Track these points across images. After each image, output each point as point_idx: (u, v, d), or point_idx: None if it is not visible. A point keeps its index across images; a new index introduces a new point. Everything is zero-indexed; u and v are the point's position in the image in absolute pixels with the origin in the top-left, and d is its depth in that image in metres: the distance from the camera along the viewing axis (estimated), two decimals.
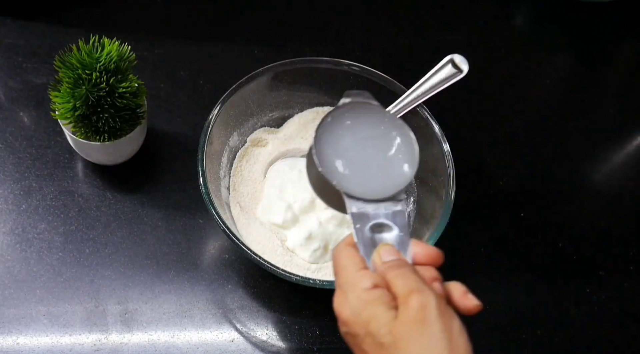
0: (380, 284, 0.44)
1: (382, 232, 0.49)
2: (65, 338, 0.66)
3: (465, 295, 0.47)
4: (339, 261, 0.47)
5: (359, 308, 0.43)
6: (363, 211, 0.49)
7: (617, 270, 0.76)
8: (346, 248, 0.48)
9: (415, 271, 0.45)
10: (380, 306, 0.43)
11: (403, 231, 0.49)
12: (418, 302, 0.42)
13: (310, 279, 0.62)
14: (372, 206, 0.49)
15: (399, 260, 0.46)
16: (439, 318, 0.42)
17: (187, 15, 0.89)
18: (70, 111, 0.66)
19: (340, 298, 0.45)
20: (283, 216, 0.70)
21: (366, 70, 0.74)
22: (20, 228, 0.72)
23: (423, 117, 0.72)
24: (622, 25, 0.97)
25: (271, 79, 0.74)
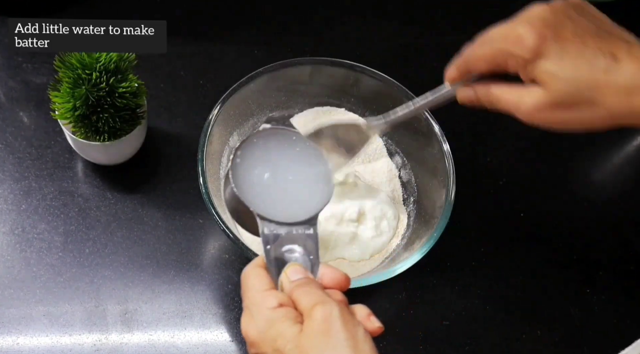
0: (286, 303, 0.45)
1: (292, 253, 0.49)
2: (65, 338, 0.66)
3: (369, 318, 0.48)
4: (247, 283, 0.48)
5: (265, 327, 0.44)
6: (275, 233, 0.50)
7: (617, 270, 0.76)
8: (254, 269, 0.48)
9: (321, 286, 0.47)
10: (285, 322, 0.44)
11: (313, 254, 0.50)
12: (321, 313, 0.43)
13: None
14: (284, 229, 0.50)
15: (306, 278, 0.47)
16: (343, 327, 0.43)
17: (187, 15, 0.89)
18: (70, 111, 0.66)
19: (247, 319, 0.46)
20: None
21: (366, 70, 0.74)
22: (20, 228, 0.72)
23: (423, 117, 0.72)
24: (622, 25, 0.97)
25: (271, 79, 0.74)
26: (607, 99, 0.48)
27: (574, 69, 0.48)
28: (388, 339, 0.69)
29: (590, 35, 0.49)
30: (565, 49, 0.48)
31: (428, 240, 0.65)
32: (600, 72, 0.48)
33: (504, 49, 0.50)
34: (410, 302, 0.72)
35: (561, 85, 0.48)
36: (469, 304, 0.72)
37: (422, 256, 0.64)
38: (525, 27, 0.49)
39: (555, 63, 0.48)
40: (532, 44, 0.48)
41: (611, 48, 0.48)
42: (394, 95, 0.73)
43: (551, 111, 0.50)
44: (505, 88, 0.52)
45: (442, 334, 0.70)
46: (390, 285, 0.71)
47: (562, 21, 0.49)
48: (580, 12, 0.51)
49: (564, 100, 0.49)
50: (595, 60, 0.48)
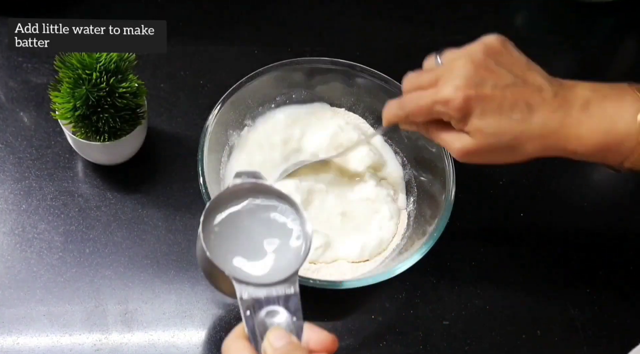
0: None
1: (274, 317, 0.47)
2: (65, 338, 0.66)
3: None
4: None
5: None
6: (254, 297, 0.47)
7: (617, 270, 0.76)
8: (235, 342, 0.47)
9: (306, 352, 0.46)
10: None
11: (296, 315, 0.48)
12: None
13: (310, 279, 0.62)
14: (263, 291, 0.48)
15: (290, 344, 0.45)
16: None
17: (187, 15, 0.89)
18: (70, 111, 0.66)
19: None
20: None
21: (366, 70, 0.74)
22: (20, 228, 0.72)
23: None
24: (622, 25, 0.97)
25: (271, 79, 0.74)
26: (525, 145, 0.57)
27: (496, 124, 0.56)
28: (388, 339, 0.69)
29: (507, 88, 0.56)
30: (487, 107, 0.56)
31: (428, 240, 0.65)
32: (518, 123, 0.56)
33: (437, 110, 0.57)
34: (410, 302, 0.72)
35: (485, 138, 0.56)
36: (469, 304, 0.72)
37: (422, 256, 0.64)
38: (451, 89, 0.56)
39: (479, 120, 0.56)
40: (460, 106, 0.56)
41: (526, 97, 0.56)
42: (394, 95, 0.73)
43: (476, 155, 0.58)
44: (442, 131, 0.60)
45: (442, 334, 0.70)
46: (390, 285, 0.71)
47: (483, 77, 0.56)
48: (498, 59, 0.57)
49: (488, 148, 0.57)
50: (512, 113, 0.56)
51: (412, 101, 0.60)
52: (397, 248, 0.71)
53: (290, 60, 0.74)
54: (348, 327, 0.69)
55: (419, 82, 0.60)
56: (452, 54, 0.59)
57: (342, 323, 0.70)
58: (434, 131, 0.60)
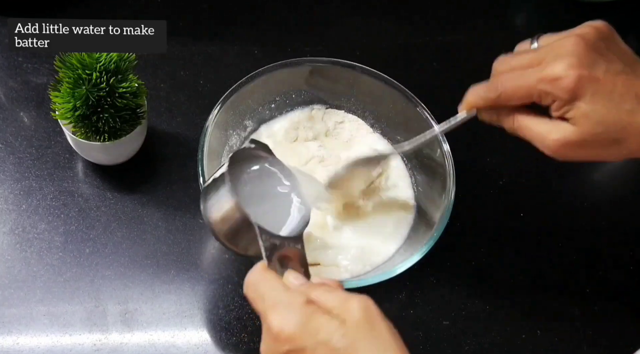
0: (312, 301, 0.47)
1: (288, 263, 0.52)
2: (65, 338, 0.66)
3: None
4: (262, 286, 0.49)
5: (303, 321, 0.45)
6: (272, 243, 0.52)
7: (617, 270, 0.76)
8: (264, 274, 0.49)
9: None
10: (323, 315, 0.45)
11: (304, 268, 0.53)
12: (359, 305, 0.45)
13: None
14: (278, 240, 0.53)
15: (311, 282, 0.49)
16: (381, 317, 0.46)
17: (187, 15, 0.89)
18: (71, 111, 0.66)
19: (279, 317, 0.47)
20: None
21: (366, 70, 0.74)
22: (20, 228, 0.72)
23: (423, 117, 0.72)
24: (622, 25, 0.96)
25: (271, 79, 0.74)
26: (630, 139, 0.51)
27: (605, 112, 0.50)
28: None
29: (618, 74, 0.51)
30: (598, 91, 0.50)
31: (428, 240, 0.65)
32: (626, 114, 0.51)
33: (541, 88, 0.51)
34: (410, 302, 0.72)
35: (592, 126, 0.51)
36: (469, 304, 0.72)
37: (422, 256, 0.64)
38: (562, 66, 0.50)
39: (588, 105, 0.50)
40: (571, 86, 0.50)
41: (637, 88, 0.51)
42: (394, 95, 0.73)
43: (576, 148, 0.52)
44: (533, 120, 0.53)
45: (442, 334, 0.70)
46: (390, 285, 0.70)
47: (595, 59, 0.51)
48: (608, 45, 0.53)
49: (591, 140, 0.52)
50: (622, 102, 0.50)
51: (509, 80, 0.53)
52: (398, 248, 0.71)
53: (290, 60, 0.74)
54: None
55: (517, 62, 0.54)
56: (553, 36, 0.54)
57: None
58: (523, 120, 0.54)
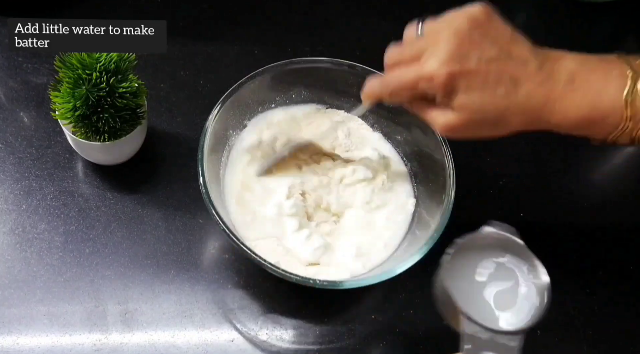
0: None
1: None
2: (65, 338, 0.66)
3: None
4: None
5: None
6: (477, 336, 0.51)
7: (617, 270, 0.76)
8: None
9: None
10: None
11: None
12: None
13: (310, 279, 0.62)
14: (487, 334, 0.52)
15: None
16: None
17: (187, 15, 0.89)
18: (70, 111, 0.66)
19: None
20: None
21: (366, 70, 0.74)
22: (20, 228, 0.72)
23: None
24: (622, 25, 0.97)
25: (271, 79, 0.74)
26: (509, 119, 0.56)
27: (480, 100, 0.55)
28: (388, 339, 0.69)
29: (492, 61, 0.55)
30: (472, 82, 0.55)
31: (428, 240, 0.65)
32: (502, 98, 0.55)
33: (422, 86, 0.56)
34: (410, 302, 0.72)
35: (470, 114, 0.56)
36: None
37: (422, 256, 0.64)
38: (435, 64, 0.55)
39: (464, 96, 0.55)
40: (444, 83, 0.55)
41: (511, 71, 0.55)
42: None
43: (460, 130, 0.57)
44: (423, 109, 0.59)
45: (442, 334, 0.70)
46: (390, 285, 0.70)
47: (467, 51, 0.55)
48: (484, 30, 0.56)
49: (472, 124, 0.56)
50: (497, 88, 0.55)
51: (395, 78, 0.59)
52: (397, 249, 0.71)
53: (290, 60, 0.74)
54: (348, 327, 0.69)
55: (401, 57, 0.59)
56: (434, 24, 0.58)
57: (342, 323, 0.70)
58: (418, 106, 0.60)
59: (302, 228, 0.69)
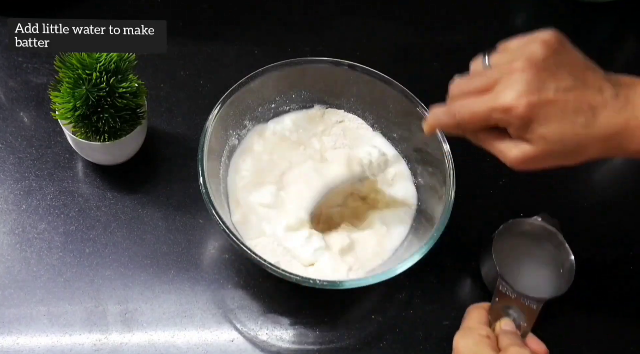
0: (492, 337, 0.62)
1: (512, 313, 0.65)
2: (65, 338, 0.66)
3: None
4: (472, 313, 0.65)
5: (472, 345, 0.61)
6: (507, 294, 0.66)
7: (618, 270, 0.76)
8: (479, 308, 0.66)
9: (521, 339, 0.63)
10: (487, 347, 0.60)
11: (527, 323, 0.65)
12: (515, 351, 0.59)
13: (310, 279, 0.62)
14: (515, 294, 0.66)
15: (515, 334, 0.63)
16: None
17: (187, 15, 0.89)
18: (70, 111, 0.66)
19: (461, 334, 0.63)
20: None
21: (366, 70, 0.74)
22: (20, 228, 0.72)
23: (423, 116, 0.72)
24: (622, 25, 0.97)
25: (271, 79, 0.74)
26: (588, 150, 0.54)
27: (560, 130, 0.53)
28: (388, 339, 0.69)
29: (569, 90, 0.53)
30: (551, 112, 0.53)
31: (428, 240, 0.65)
32: (582, 128, 0.53)
33: (496, 117, 0.54)
34: (410, 302, 0.72)
35: (548, 145, 0.54)
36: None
37: (422, 256, 0.64)
38: (512, 95, 0.53)
39: (542, 127, 0.53)
40: (523, 114, 0.52)
41: (589, 100, 0.53)
42: (394, 95, 0.73)
43: (536, 162, 0.55)
44: (494, 138, 0.56)
45: (442, 334, 0.70)
46: (390, 285, 0.70)
47: (544, 80, 0.53)
48: (558, 59, 0.54)
49: (550, 155, 0.55)
50: (577, 118, 0.53)
51: (465, 107, 0.56)
52: (398, 248, 0.71)
53: (291, 60, 0.74)
54: (348, 327, 0.70)
55: (471, 87, 0.56)
56: (505, 54, 0.56)
57: (342, 323, 0.70)
58: (486, 139, 0.57)
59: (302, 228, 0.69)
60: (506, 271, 0.68)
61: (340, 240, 0.70)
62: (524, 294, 0.66)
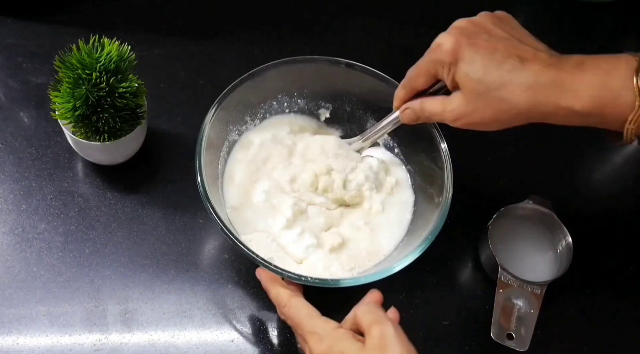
0: (341, 326, 0.56)
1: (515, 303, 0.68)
2: (65, 338, 0.66)
3: None
4: (299, 313, 0.58)
5: (333, 343, 0.54)
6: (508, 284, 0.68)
7: (617, 269, 0.76)
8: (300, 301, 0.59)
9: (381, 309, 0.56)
10: (349, 339, 0.54)
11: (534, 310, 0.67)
12: (378, 331, 0.53)
13: (308, 277, 0.62)
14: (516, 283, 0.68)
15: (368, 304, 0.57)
16: (397, 341, 0.52)
17: (187, 15, 0.89)
18: (70, 111, 0.66)
19: (315, 339, 0.56)
20: None
21: (366, 70, 0.74)
22: (20, 228, 0.72)
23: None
24: (622, 25, 0.97)
25: (271, 77, 0.74)
26: (513, 96, 0.56)
27: (484, 70, 0.56)
28: None
29: (501, 41, 0.57)
30: (477, 53, 0.56)
31: (425, 239, 0.65)
32: (507, 72, 0.55)
33: (431, 58, 0.59)
34: (410, 302, 0.72)
35: (473, 85, 0.56)
36: (469, 304, 0.72)
37: (419, 255, 0.64)
38: (444, 36, 0.59)
39: (468, 65, 0.56)
40: (449, 48, 0.57)
41: (519, 52, 0.56)
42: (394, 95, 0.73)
43: (468, 112, 0.58)
44: (432, 100, 0.62)
45: (442, 334, 0.70)
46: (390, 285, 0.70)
47: (477, 31, 0.58)
48: (497, 23, 0.59)
49: (477, 101, 0.57)
50: (503, 61, 0.55)
51: (412, 67, 0.63)
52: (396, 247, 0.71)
53: (293, 58, 0.73)
54: None
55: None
56: None
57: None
58: (426, 105, 0.62)
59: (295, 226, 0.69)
60: (505, 259, 0.69)
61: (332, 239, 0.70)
62: (526, 280, 0.67)
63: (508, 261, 0.70)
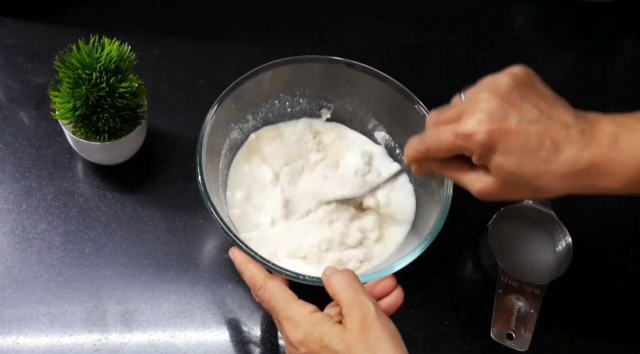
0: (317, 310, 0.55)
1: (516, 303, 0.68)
2: (65, 338, 0.66)
3: None
4: (276, 297, 0.57)
5: (310, 328, 0.53)
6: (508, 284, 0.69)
7: (618, 270, 0.76)
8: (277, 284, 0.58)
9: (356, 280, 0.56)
10: (327, 323, 0.53)
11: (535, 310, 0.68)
12: (359, 312, 0.52)
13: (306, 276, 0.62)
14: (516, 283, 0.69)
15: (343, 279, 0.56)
16: (379, 323, 0.52)
17: (187, 15, 0.89)
18: (70, 111, 0.66)
19: (291, 324, 0.55)
20: None
21: (366, 69, 0.74)
22: (20, 228, 0.72)
23: (421, 114, 0.72)
24: (622, 25, 0.97)
25: (271, 77, 0.74)
26: (548, 184, 0.54)
27: (519, 162, 0.53)
28: None
29: (532, 123, 0.53)
30: (511, 143, 0.53)
31: (425, 239, 0.65)
32: (542, 162, 0.53)
33: (459, 144, 0.55)
34: (410, 302, 0.72)
35: (508, 176, 0.54)
36: (469, 304, 0.72)
37: (419, 255, 0.64)
38: (474, 122, 0.54)
39: (502, 157, 0.53)
40: (482, 142, 0.53)
41: (552, 134, 0.53)
42: (394, 95, 0.73)
43: (498, 194, 0.56)
44: (459, 171, 0.58)
45: (442, 334, 0.70)
46: None
47: (506, 111, 0.53)
48: (525, 92, 0.54)
49: (509, 187, 0.55)
50: (537, 150, 0.53)
51: (433, 135, 0.58)
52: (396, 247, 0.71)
53: (295, 57, 0.73)
54: None
55: (442, 117, 0.57)
56: (476, 87, 0.57)
57: None
58: (452, 171, 0.59)
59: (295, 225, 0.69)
60: (505, 260, 0.70)
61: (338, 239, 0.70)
62: (526, 281, 0.68)
63: (508, 262, 0.70)
